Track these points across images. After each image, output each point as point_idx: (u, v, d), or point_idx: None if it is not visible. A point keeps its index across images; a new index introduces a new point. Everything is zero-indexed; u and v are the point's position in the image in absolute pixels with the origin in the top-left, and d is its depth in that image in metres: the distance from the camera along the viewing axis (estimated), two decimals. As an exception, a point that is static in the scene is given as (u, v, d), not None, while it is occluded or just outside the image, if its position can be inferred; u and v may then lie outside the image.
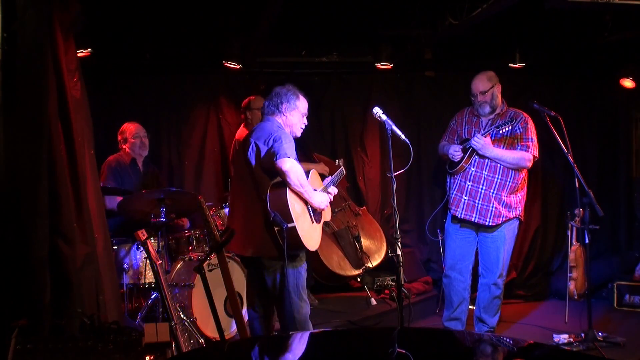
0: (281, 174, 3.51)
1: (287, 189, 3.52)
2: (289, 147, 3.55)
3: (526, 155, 4.60)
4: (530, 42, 6.09)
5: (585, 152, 6.63)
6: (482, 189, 4.63)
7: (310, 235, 3.67)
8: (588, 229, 4.69)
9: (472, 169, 4.66)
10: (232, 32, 5.72)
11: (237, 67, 5.89)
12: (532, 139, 4.65)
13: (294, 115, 3.78)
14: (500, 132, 4.59)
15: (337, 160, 5.40)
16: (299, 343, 2.40)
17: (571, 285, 5.86)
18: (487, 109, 4.69)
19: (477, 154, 4.62)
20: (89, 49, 5.10)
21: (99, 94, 5.50)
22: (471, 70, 6.20)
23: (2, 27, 3.09)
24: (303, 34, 5.90)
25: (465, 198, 4.68)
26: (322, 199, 3.72)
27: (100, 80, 5.57)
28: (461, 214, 4.70)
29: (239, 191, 3.79)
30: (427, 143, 6.45)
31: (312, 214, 3.73)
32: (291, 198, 3.54)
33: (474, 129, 4.76)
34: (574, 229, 5.75)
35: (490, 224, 4.63)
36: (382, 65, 6.15)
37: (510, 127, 4.55)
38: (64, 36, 3.54)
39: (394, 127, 3.55)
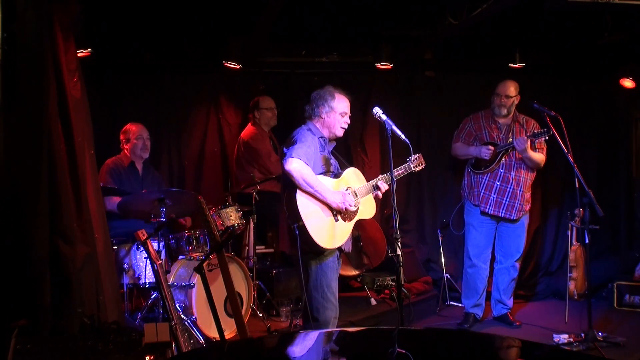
0: (287, 174, 3.57)
1: (298, 188, 3.58)
2: (302, 147, 3.60)
3: (544, 158, 5.24)
4: (530, 42, 6.09)
5: (585, 152, 6.63)
6: (510, 188, 5.18)
7: (326, 233, 3.65)
8: (588, 229, 4.70)
9: (501, 170, 5.20)
10: (232, 32, 5.73)
11: (237, 67, 5.89)
12: (545, 144, 5.24)
13: (330, 116, 3.81)
14: (536, 141, 5.13)
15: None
16: (299, 343, 2.40)
17: (571, 285, 5.87)
18: (504, 111, 5.23)
19: (508, 155, 5.17)
20: (89, 49, 5.10)
21: (99, 94, 5.51)
22: (471, 70, 6.21)
23: (2, 27, 3.09)
24: (303, 34, 5.90)
25: (494, 196, 5.22)
26: (335, 198, 3.66)
27: (100, 80, 5.57)
28: (490, 210, 5.23)
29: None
30: (427, 143, 6.45)
31: (334, 211, 3.71)
32: (301, 197, 3.59)
33: (494, 134, 5.28)
34: (574, 229, 5.76)
35: (514, 217, 5.24)
36: (382, 65, 6.15)
37: (545, 137, 5.06)
38: (64, 36, 3.54)
39: (394, 127, 3.54)
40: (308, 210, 3.60)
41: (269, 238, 6.00)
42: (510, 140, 5.13)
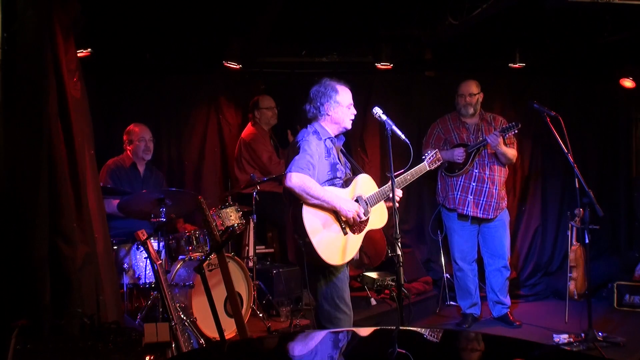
0: (289, 191, 3.38)
1: (304, 203, 3.40)
2: (302, 158, 3.39)
3: (516, 153, 5.35)
4: (530, 42, 6.08)
5: (585, 152, 6.63)
6: (485, 187, 5.22)
7: (336, 249, 3.49)
8: (588, 229, 4.70)
9: (475, 171, 5.24)
10: (232, 32, 5.73)
11: (237, 67, 5.89)
12: (514, 139, 5.32)
13: (337, 112, 3.60)
14: (506, 136, 5.16)
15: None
16: (299, 343, 2.40)
17: (571, 285, 5.86)
18: (471, 110, 5.30)
19: (480, 154, 5.21)
20: (89, 49, 5.09)
21: (99, 94, 5.51)
22: (472, 70, 6.20)
23: (2, 27, 3.09)
24: (303, 34, 5.89)
25: (470, 197, 5.26)
26: (348, 206, 3.47)
27: (100, 80, 5.57)
28: (468, 211, 5.26)
29: None
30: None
31: (343, 225, 3.53)
32: (308, 213, 3.40)
33: (464, 135, 5.32)
34: (574, 229, 5.76)
35: (492, 216, 5.27)
36: (382, 65, 6.15)
37: (514, 132, 5.09)
38: (64, 36, 3.54)
39: (394, 127, 3.52)
40: (315, 226, 3.41)
41: (269, 238, 5.99)
42: (482, 138, 5.16)
